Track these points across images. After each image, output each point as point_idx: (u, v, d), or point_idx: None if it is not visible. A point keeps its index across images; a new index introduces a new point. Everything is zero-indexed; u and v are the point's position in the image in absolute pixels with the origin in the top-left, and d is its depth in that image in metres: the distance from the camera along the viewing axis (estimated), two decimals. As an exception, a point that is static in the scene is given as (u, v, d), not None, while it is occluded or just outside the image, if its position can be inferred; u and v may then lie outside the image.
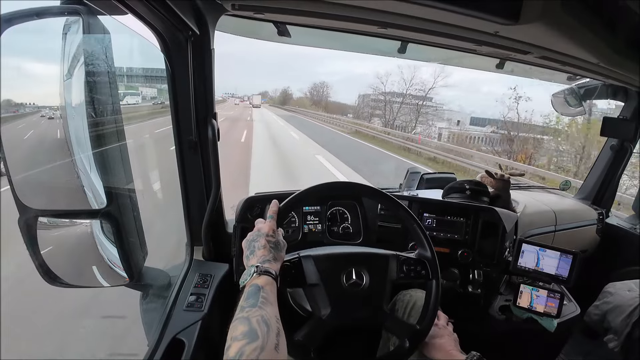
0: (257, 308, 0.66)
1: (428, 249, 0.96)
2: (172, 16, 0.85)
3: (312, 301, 0.89)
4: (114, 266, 0.88)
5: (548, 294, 1.33)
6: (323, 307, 0.87)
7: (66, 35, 0.73)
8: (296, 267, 0.90)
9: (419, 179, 1.86)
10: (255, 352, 0.58)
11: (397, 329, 0.92)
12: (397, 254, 0.96)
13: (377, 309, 0.90)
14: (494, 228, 1.42)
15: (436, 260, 0.95)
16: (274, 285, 0.75)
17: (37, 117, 0.93)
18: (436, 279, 0.94)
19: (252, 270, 0.76)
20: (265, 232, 0.84)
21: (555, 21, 0.89)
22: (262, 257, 0.80)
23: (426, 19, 1.00)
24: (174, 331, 0.96)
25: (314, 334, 0.85)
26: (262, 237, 0.83)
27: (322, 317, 0.86)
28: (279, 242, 0.85)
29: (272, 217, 0.89)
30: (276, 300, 0.73)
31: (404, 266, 0.94)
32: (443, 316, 0.97)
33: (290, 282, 0.89)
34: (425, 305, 0.94)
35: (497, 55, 1.41)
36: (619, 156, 1.99)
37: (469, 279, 1.45)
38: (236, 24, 1.15)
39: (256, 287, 0.71)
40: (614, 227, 2.08)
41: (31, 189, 0.73)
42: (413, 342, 0.89)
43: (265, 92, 70.01)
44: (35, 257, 0.73)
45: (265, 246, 0.82)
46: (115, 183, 0.82)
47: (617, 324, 1.55)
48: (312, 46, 1.51)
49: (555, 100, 1.99)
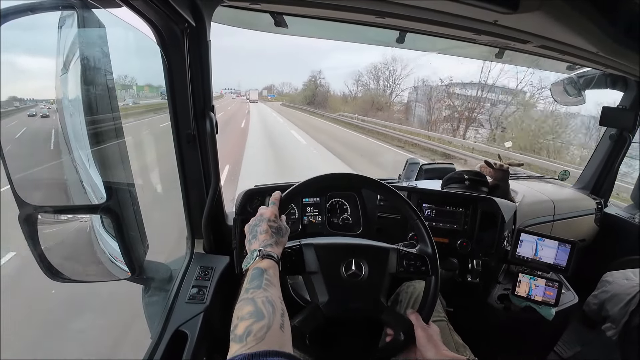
0: (261, 289, 0.68)
1: (429, 245, 0.96)
2: (168, 8, 0.84)
3: (310, 289, 0.90)
4: (115, 260, 0.88)
5: (546, 283, 1.34)
6: (321, 295, 0.88)
7: (61, 29, 0.73)
8: (297, 254, 0.91)
9: (417, 169, 1.86)
10: (262, 331, 0.59)
11: (393, 321, 0.92)
12: (398, 247, 0.96)
13: (374, 301, 0.91)
14: (493, 218, 1.43)
15: (437, 256, 0.95)
16: (276, 268, 0.76)
17: (30, 114, 0.93)
18: (435, 276, 0.94)
19: (254, 254, 0.77)
20: (268, 217, 0.85)
21: (555, 10, 0.89)
22: (264, 241, 0.81)
23: (425, 8, 1.00)
24: (177, 323, 0.97)
25: (309, 320, 0.86)
26: (264, 221, 0.84)
27: (319, 304, 0.87)
28: (281, 227, 0.86)
29: (274, 204, 0.90)
30: (279, 283, 0.74)
31: (404, 260, 0.95)
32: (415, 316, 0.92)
33: (290, 269, 0.90)
34: (424, 300, 0.94)
35: (497, 45, 1.40)
36: (617, 146, 1.99)
37: (467, 269, 1.46)
38: (232, 15, 1.14)
39: (259, 270, 0.73)
40: (612, 216, 2.09)
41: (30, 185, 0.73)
42: (408, 336, 0.89)
43: (271, 86, 62.27)
44: (35, 252, 0.73)
45: (267, 231, 0.83)
46: (115, 178, 0.82)
47: (615, 312, 1.57)
48: (310, 36, 1.49)
49: (554, 90, 1.98)
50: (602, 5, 0.90)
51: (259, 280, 0.70)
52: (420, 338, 0.87)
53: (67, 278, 0.80)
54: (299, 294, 1.12)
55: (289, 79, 67.48)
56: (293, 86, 60.94)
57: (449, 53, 1.72)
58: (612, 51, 1.21)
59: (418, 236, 0.98)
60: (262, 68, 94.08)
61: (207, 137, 1.12)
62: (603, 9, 0.91)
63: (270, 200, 0.91)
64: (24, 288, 2.42)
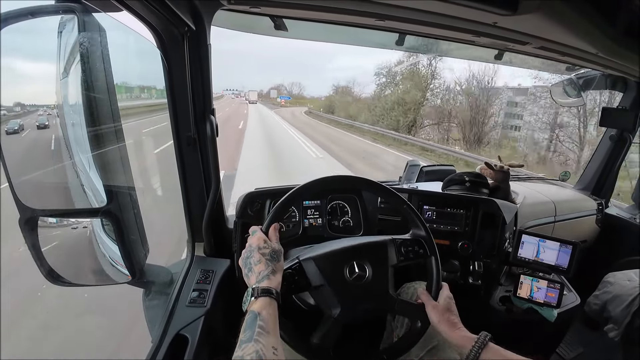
0: (252, 343, 0.65)
1: (422, 228, 0.97)
2: (168, 12, 0.85)
3: (321, 302, 0.89)
4: (115, 264, 0.88)
5: (548, 284, 1.34)
6: (333, 306, 0.87)
7: (61, 33, 0.73)
8: (298, 273, 0.89)
9: (418, 171, 1.86)
10: None
11: (407, 311, 0.93)
12: (393, 238, 0.97)
13: (384, 296, 0.91)
14: (494, 219, 1.42)
15: (431, 236, 0.96)
16: (272, 305, 0.73)
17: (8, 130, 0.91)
18: (434, 255, 0.95)
19: (249, 293, 0.75)
20: (257, 246, 0.82)
21: (554, 11, 0.89)
22: (260, 273, 0.78)
23: (424, 10, 1.00)
24: (177, 327, 0.96)
25: (329, 335, 0.86)
26: (255, 251, 0.82)
27: (333, 316, 0.86)
28: (275, 249, 0.83)
29: (255, 232, 0.87)
30: (276, 323, 0.72)
31: (402, 248, 0.95)
32: (447, 287, 0.95)
33: (295, 288, 0.88)
34: (429, 283, 0.95)
35: (496, 46, 1.40)
36: (618, 146, 1.99)
37: (469, 271, 1.45)
38: (232, 19, 1.14)
39: (253, 316, 0.70)
40: (613, 217, 2.08)
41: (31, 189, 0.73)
42: (425, 322, 0.90)
43: (279, 85, 47.88)
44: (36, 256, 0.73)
45: (261, 260, 0.80)
46: (115, 181, 0.82)
47: (617, 313, 1.56)
48: (309, 40, 1.50)
49: (554, 91, 1.98)
50: (602, 6, 0.90)
51: (251, 330, 0.68)
52: (433, 317, 0.88)
53: (67, 282, 0.80)
54: (301, 298, 1.12)
55: (297, 78, 60.40)
56: (303, 86, 48.89)
57: (449, 55, 1.73)
58: (612, 52, 1.22)
59: (409, 222, 0.99)
60: (265, 69, 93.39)
61: (207, 140, 1.12)
62: (602, 9, 0.91)
63: (251, 230, 0.89)
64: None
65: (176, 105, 1.08)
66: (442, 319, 0.86)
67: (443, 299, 0.91)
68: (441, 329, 0.85)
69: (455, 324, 0.85)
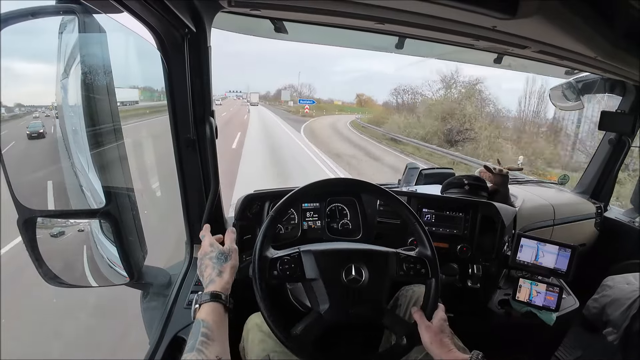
0: (194, 352, 0.65)
1: (428, 248, 0.95)
2: (168, 14, 0.85)
3: (311, 296, 0.89)
4: (113, 265, 0.88)
5: (547, 287, 1.34)
6: (322, 302, 0.87)
7: (62, 34, 0.73)
8: (296, 262, 0.89)
9: (417, 174, 1.86)
10: None
11: (394, 326, 0.92)
12: (397, 251, 0.96)
13: (375, 306, 0.90)
14: (493, 223, 1.42)
15: (436, 259, 0.95)
16: (217, 310, 0.74)
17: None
18: (436, 278, 0.93)
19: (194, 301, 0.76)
20: (204, 252, 0.85)
21: (553, 15, 0.89)
22: (207, 277, 0.80)
23: (423, 14, 1.00)
24: (175, 329, 0.96)
25: (311, 329, 0.85)
26: (204, 258, 0.84)
27: (320, 312, 0.86)
28: (222, 251, 0.85)
29: (203, 236, 0.90)
30: (223, 329, 0.72)
31: (403, 264, 0.94)
32: (442, 308, 0.95)
33: (290, 277, 0.89)
34: (425, 304, 0.93)
35: (495, 50, 1.41)
36: (617, 150, 1.99)
37: (468, 274, 1.45)
38: (233, 21, 1.15)
39: (197, 325, 0.70)
40: (612, 220, 2.09)
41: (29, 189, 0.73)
42: (410, 340, 0.89)
43: (289, 86, 39.80)
44: (34, 257, 0.73)
45: (208, 265, 0.82)
46: (114, 182, 0.82)
47: (616, 317, 1.56)
48: (309, 42, 1.50)
49: (553, 94, 1.99)
50: (601, 10, 0.90)
51: (194, 339, 0.68)
52: (425, 337, 0.86)
53: (65, 283, 0.80)
54: (298, 299, 1.11)
55: (306, 80, 53.66)
56: (313, 88, 40.60)
57: (448, 58, 1.74)
58: (611, 56, 1.22)
59: (417, 239, 0.97)
60: (269, 71, 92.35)
61: (206, 141, 1.12)
62: (601, 13, 0.92)
63: (200, 234, 0.91)
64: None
65: (176, 106, 1.07)
66: (434, 339, 0.84)
67: (437, 319, 0.90)
68: (433, 350, 0.84)
69: (447, 345, 0.84)
